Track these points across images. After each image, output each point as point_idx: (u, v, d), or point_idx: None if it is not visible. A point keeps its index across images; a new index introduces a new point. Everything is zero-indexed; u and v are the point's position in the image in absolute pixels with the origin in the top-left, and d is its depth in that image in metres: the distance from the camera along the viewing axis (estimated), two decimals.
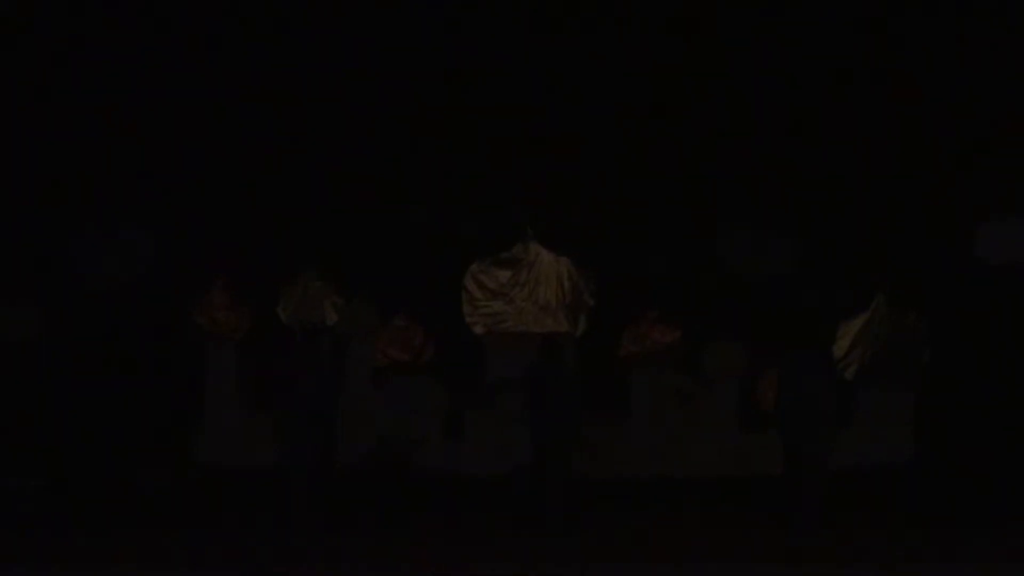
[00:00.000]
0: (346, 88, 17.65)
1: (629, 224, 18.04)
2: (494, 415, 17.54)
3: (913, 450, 17.27)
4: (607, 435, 17.42)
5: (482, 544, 13.65)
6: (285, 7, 17.54)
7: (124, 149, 17.46)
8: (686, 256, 17.88)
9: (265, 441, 16.85)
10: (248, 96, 17.54)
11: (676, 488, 17.27)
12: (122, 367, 17.18)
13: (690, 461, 17.51)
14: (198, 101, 17.49)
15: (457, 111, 17.76)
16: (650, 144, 17.77)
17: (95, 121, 17.34)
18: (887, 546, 13.30)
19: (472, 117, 17.78)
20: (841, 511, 14.55)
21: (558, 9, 17.65)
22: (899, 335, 17.59)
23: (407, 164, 17.98)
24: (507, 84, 17.66)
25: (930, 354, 17.47)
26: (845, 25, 17.23)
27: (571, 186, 18.14)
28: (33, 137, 17.27)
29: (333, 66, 17.59)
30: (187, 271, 17.76)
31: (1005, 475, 16.05)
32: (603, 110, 17.79)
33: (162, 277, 17.55)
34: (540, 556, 12.93)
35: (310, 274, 17.97)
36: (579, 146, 17.88)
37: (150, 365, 17.25)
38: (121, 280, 17.48)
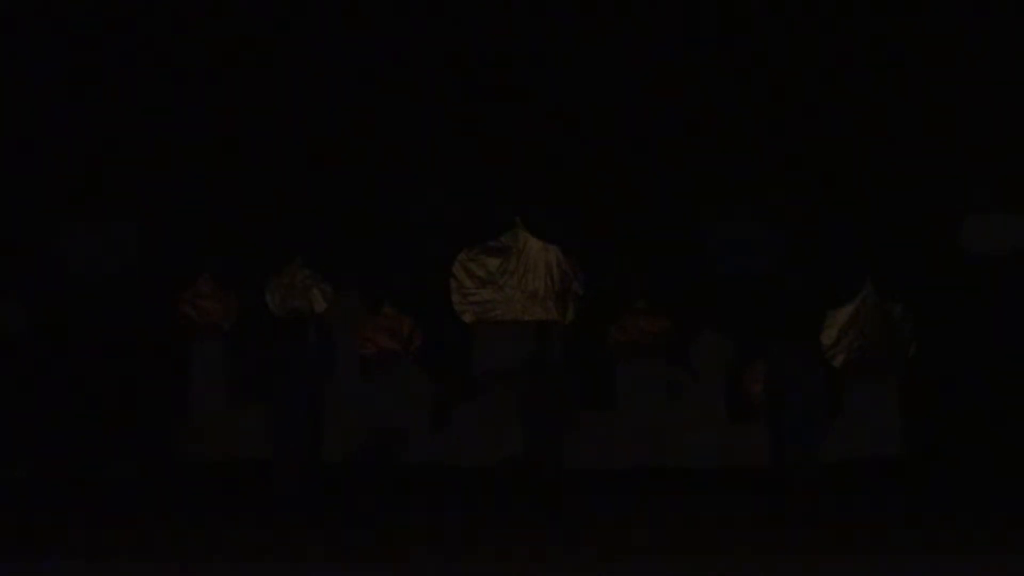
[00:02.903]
0: (332, 80, 17.62)
1: (618, 214, 18.03)
2: (483, 406, 17.55)
3: (901, 442, 17.33)
4: (595, 425, 17.44)
5: (470, 535, 13.63)
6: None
7: (110, 143, 17.43)
8: (674, 247, 17.90)
9: (252, 432, 16.91)
10: (233, 88, 17.51)
11: (664, 478, 17.31)
12: (108, 359, 17.17)
13: (677, 452, 17.55)
14: (183, 94, 17.45)
15: (446, 101, 17.72)
16: (640, 135, 17.76)
17: (80, 116, 17.30)
18: (875, 538, 13.29)
19: (461, 107, 17.75)
20: (829, 503, 14.57)
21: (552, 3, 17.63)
22: (886, 326, 17.63)
23: (395, 154, 17.95)
24: (496, 76, 17.62)
25: (916, 347, 17.52)
26: (832, 21, 17.21)
27: (560, 176, 18.13)
28: (19, 132, 17.22)
29: (319, 58, 17.55)
30: (174, 263, 17.76)
31: (993, 466, 16.08)
32: (593, 102, 17.76)
33: (148, 269, 17.55)
34: (528, 547, 12.92)
35: (297, 263, 17.99)
36: (569, 136, 17.85)
37: (137, 357, 17.24)
38: (107, 273, 17.47)
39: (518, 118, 17.82)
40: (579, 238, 17.94)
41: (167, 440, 17.36)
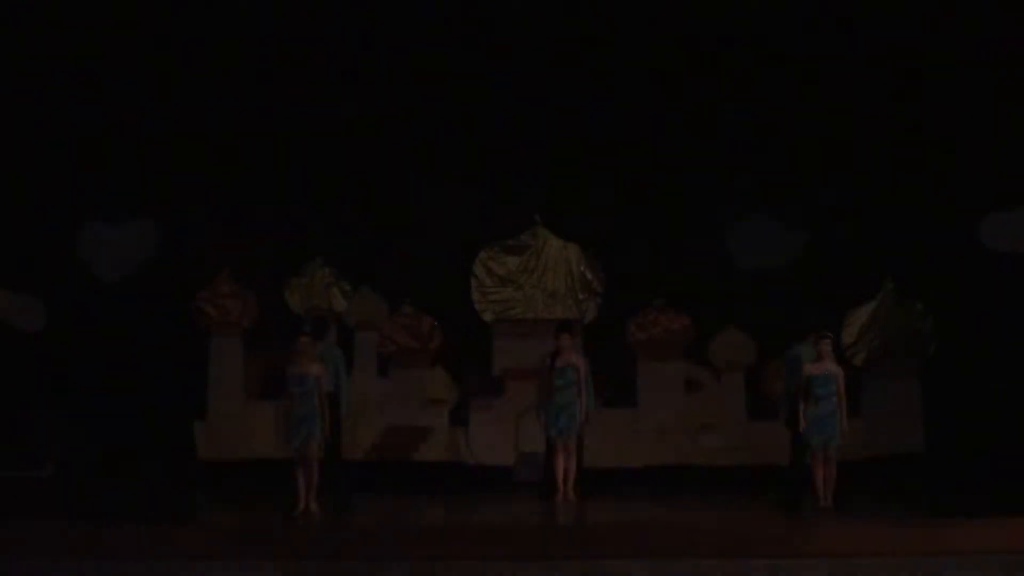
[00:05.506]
0: (352, 79, 17.66)
1: (638, 213, 18.03)
2: (501, 405, 17.57)
3: (921, 440, 17.29)
4: (614, 423, 17.45)
5: (488, 534, 13.60)
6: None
7: (130, 141, 17.48)
8: (695, 246, 17.90)
9: (271, 431, 16.95)
10: (255, 89, 17.55)
11: (683, 477, 17.29)
12: (128, 358, 17.21)
13: (697, 450, 17.54)
14: (204, 94, 17.49)
15: (467, 101, 17.74)
16: (658, 134, 17.75)
17: (101, 114, 17.35)
18: (895, 535, 13.21)
19: (482, 108, 17.76)
20: (850, 501, 14.53)
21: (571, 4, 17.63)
22: (906, 324, 17.60)
23: (416, 152, 17.98)
24: (516, 77, 17.62)
25: (936, 344, 17.48)
26: (850, 17, 17.17)
27: (580, 175, 18.14)
28: (40, 130, 17.28)
29: (337, 57, 17.58)
30: (193, 262, 17.83)
31: (1015, 464, 16.01)
32: (613, 102, 17.76)
33: (168, 267, 17.60)
34: (546, 545, 12.90)
35: (317, 262, 18.02)
36: (588, 136, 17.86)
37: (156, 355, 17.27)
38: (127, 271, 17.52)
39: (539, 117, 17.83)
40: (599, 236, 17.97)
41: (188, 439, 17.39)
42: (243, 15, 17.26)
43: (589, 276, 17.89)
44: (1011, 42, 16.63)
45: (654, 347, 17.69)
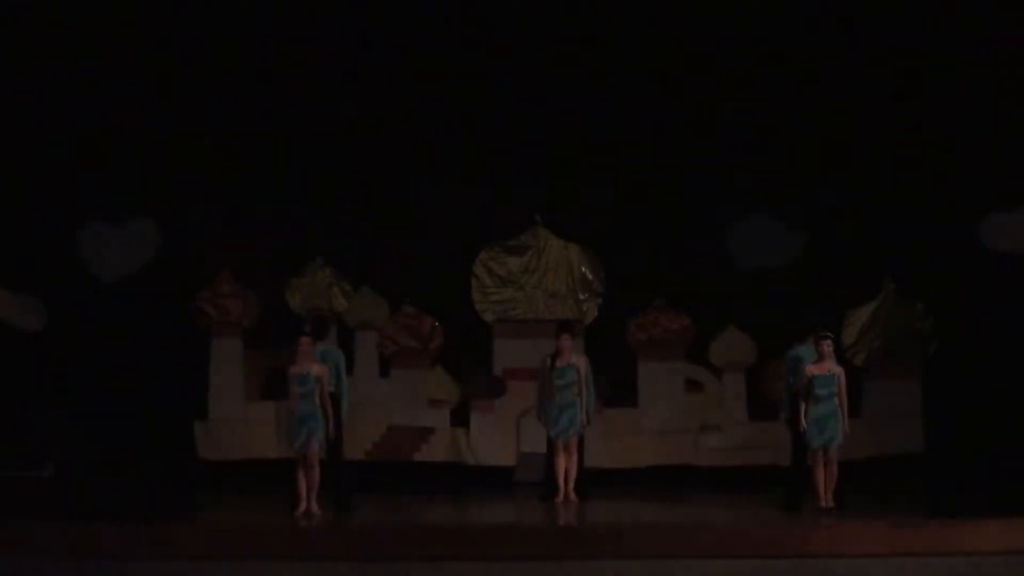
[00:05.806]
0: (352, 79, 17.65)
1: (638, 213, 18.02)
2: (502, 405, 17.57)
3: (922, 440, 17.29)
4: (615, 423, 17.46)
5: (488, 534, 13.61)
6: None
7: (130, 141, 17.47)
8: (695, 246, 17.89)
9: (271, 431, 16.97)
10: (255, 89, 17.54)
11: (683, 477, 17.29)
12: (128, 358, 17.19)
13: (697, 450, 17.55)
14: (204, 94, 17.48)
15: (467, 101, 17.72)
16: (660, 134, 17.74)
17: (101, 114, 17.33)
18: (896, 535, 13.21)
19: (482, 108, 17.75)
20: (850, 501, 14.52)
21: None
22: (906, 324, 17.60)
23: (418, 151, 17.97)
24: (516, 77, 17.61)
25: (936, 344, 17.47)
26: (850, 17, 17.15)
27: (580, 175, 18.12)
28: (40, 130, 17.26)
29: (337, 57, 17.57)
30: (193, 262, 17.82)
31: (1014, 465, 15.99)
32: (613, 101, 17.75)
33: (169, 267, 17.60)
34: (546, 546, 12.90)
35: (317, 262, 18.00)
36: (589, 136, 17.85)
37: (156, 356, 17.25)
38: (127, 271, 17.52)
39: (539, 117, 17.82)
40: (599, 236, 17.96)
41: (188, 439, 17.39)
42: (243, 15, 17.24)
43: (590, 276, 17.89)
44: (1011, 42, 16.60)
45: (654, 347, 17.70)
